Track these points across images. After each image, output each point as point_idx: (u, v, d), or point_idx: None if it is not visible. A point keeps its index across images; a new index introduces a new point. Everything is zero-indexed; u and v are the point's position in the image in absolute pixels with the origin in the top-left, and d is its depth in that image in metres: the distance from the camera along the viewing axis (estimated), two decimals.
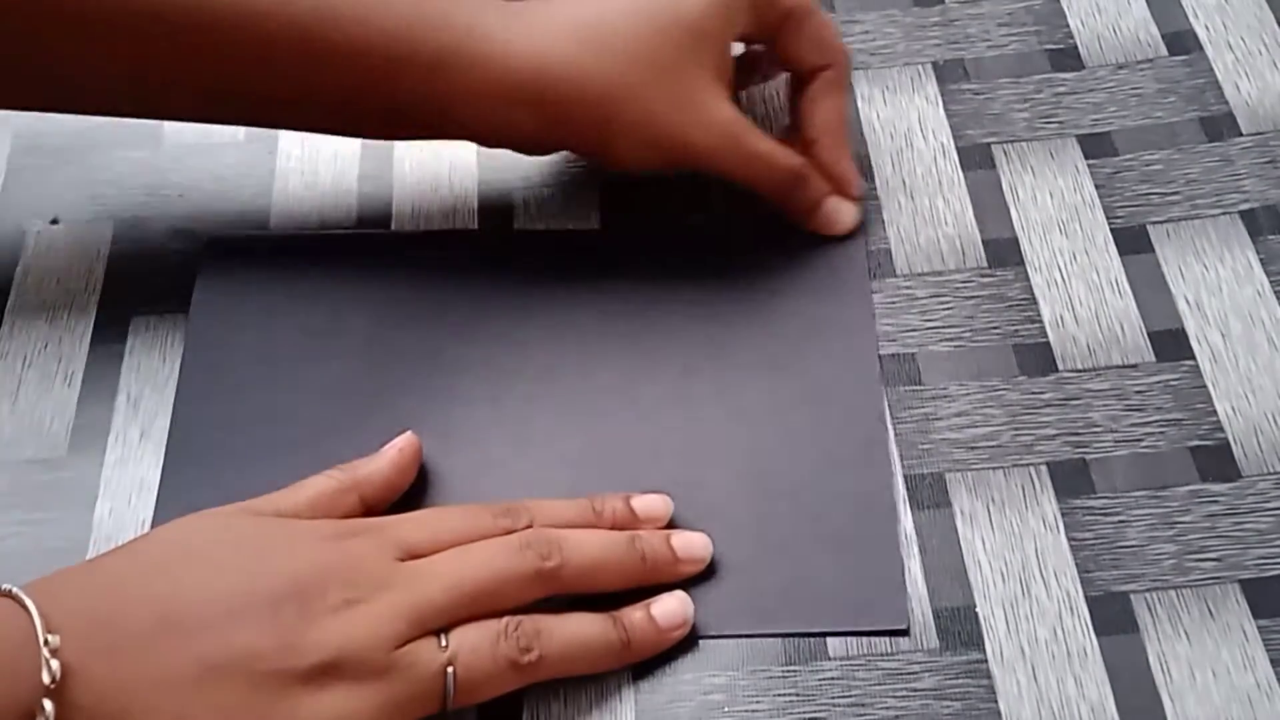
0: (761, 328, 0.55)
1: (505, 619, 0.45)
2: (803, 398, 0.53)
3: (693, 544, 0.49)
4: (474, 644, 0.44)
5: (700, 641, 0.48)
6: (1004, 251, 0.58)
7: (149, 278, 0.58)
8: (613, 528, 0.49)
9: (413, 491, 0.51)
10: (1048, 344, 0.55)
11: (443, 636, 0.44)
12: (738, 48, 0.59)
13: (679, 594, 0.48)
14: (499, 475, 0.52)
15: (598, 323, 0.56)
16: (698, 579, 0.49)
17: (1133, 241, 0.58)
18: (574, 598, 0.48)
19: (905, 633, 0.48)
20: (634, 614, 0.47)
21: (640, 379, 0.54)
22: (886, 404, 0.53)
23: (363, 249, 0.58)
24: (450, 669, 0.43)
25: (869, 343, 0.55)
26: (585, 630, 0.47)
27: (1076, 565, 0.49)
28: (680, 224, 0.59)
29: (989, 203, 0.59)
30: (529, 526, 0.48)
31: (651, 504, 0.50)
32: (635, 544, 0.48)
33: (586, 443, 0.53)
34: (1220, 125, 0.61)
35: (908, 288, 0.57)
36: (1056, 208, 0.59)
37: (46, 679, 0.39)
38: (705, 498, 0.51)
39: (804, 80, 0.58)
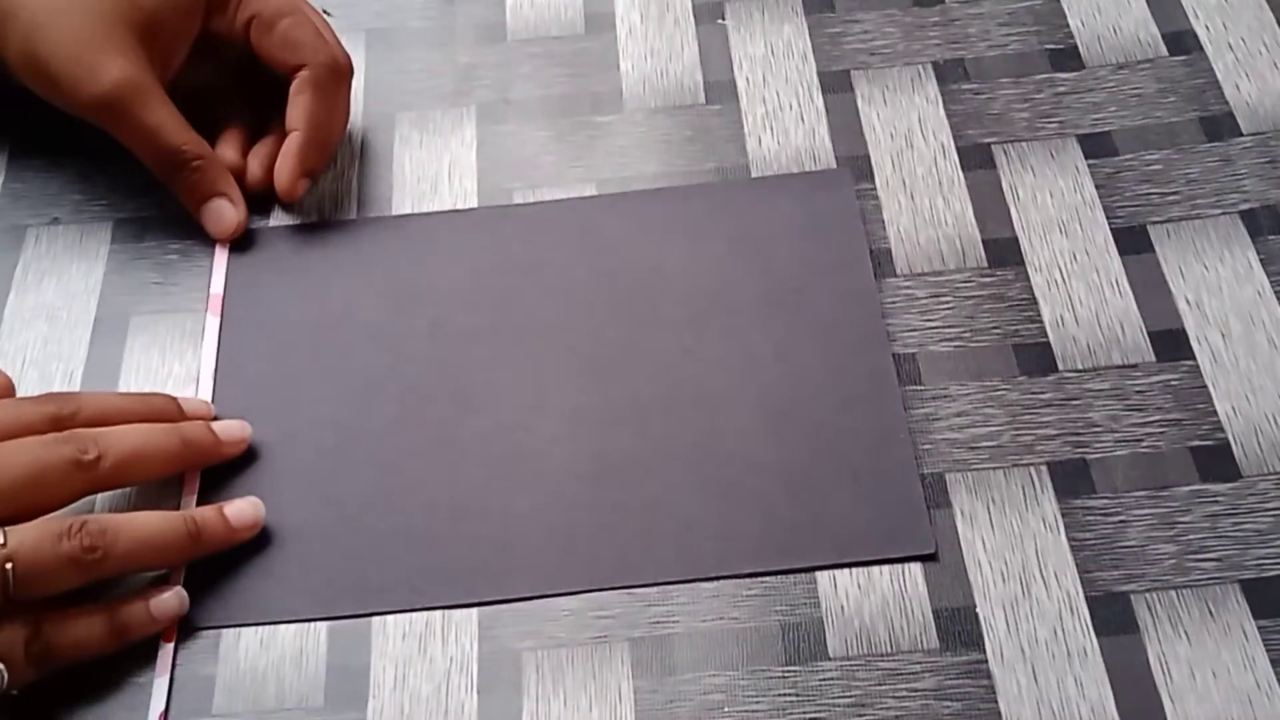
0: (760, 272, 0.57)
1: (70, 519, 0.46)
2: (807, 336, 0.55)
3: (231, 426, 0.52)
4: (34, 543, 0.45)
5: (700, 641, 0.48)
6: (1004, 251, 0.58)
7: (148, 277, 0.58)
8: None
9: (430, 461, 0.52)
10: (1048, 344, 0.55)
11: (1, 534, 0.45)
12: None
13: (252, 498, 0.50)
14: (515, 438, 0.53)
15: (600, 283, 0.57)
16: (728, 520, 0.50)
17: (1133, 241, 0.58)
18: None
19: (934, 557, 0.49)
20: (206, 510, 0.49)
21: (647, 333, 0.55)
22: (889, 337, 0.54)
23: (369, 232, 0.59)
24: (9, 565, 0.44)
25: (866, 277, 0.56)
26: (153, 526, 0.48)
27: (1076, 565, 0.49)
28: (670, 185, 0.60)
29: (989, 203, 0.59)
30: (75, 412, 0.49)
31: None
32: (176, 431, 0.50)
33: (600, 400, 0.53)
34: (1220, 125, 0.61)
35: (908, 288, 0.57)
36: (1056, 208, 0.59)
37: None
38: (724, 444, 0.52)
39: (288, 80, 0.59)
